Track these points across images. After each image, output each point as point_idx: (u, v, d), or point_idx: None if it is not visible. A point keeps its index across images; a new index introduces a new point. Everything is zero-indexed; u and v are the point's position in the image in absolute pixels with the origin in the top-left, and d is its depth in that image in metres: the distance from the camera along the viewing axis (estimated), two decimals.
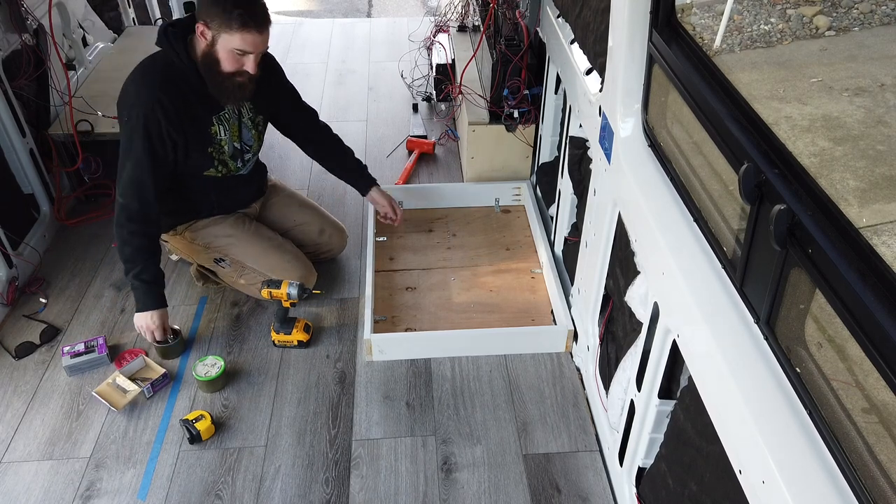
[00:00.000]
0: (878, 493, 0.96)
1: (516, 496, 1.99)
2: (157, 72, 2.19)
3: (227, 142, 2.36)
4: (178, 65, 2.18)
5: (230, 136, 2.37)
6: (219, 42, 2.10)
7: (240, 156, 2.44)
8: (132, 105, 2.17)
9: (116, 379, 2.29)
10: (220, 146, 2.36)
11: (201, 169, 2.36)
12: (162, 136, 2.18)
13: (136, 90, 2.18)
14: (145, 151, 2.17)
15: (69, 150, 3.01)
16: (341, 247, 2.82)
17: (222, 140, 2.35)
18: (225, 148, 2.37)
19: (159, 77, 2.18)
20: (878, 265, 0.95)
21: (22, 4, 2.85)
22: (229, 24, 2.07)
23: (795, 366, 1.16)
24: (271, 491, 2.01)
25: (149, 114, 2.14)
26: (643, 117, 1.80)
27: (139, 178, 2.20)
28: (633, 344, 1.84)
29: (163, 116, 2.15)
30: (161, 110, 2.15)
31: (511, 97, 2.90)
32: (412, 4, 6.73)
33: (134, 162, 2.19)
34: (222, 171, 2.41)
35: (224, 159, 2.39)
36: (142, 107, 2.14)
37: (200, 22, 2.09)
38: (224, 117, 2.34)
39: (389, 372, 2.37)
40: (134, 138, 2.17)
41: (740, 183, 1.22)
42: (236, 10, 2.05)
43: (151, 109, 2.14)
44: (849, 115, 3.24)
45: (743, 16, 4.61)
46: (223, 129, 2.34)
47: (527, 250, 2.87)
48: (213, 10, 2.07)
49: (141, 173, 2.20)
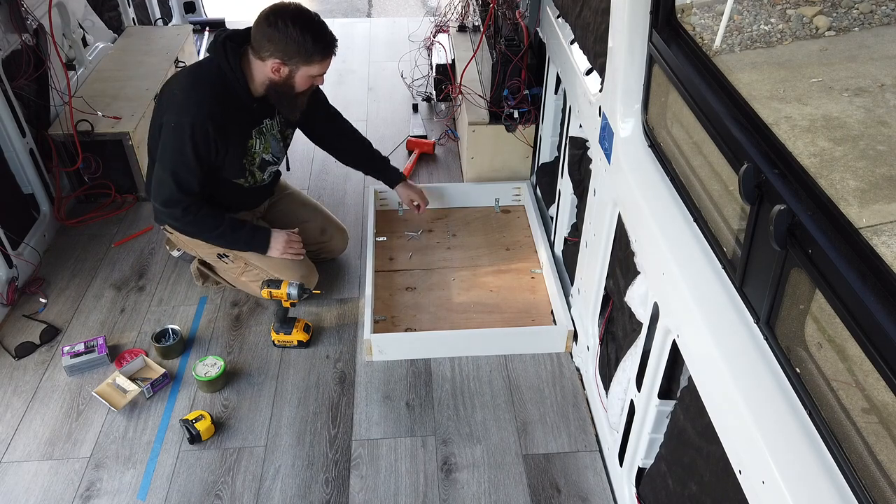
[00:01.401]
0: (878, 493, 0.96)
1: (516, 496, 1.99)
2: (209, 83, 2.21)
3: (259, 154, 2.40)
4: (229, 77, 2.20)
5: (262, 149, 2.41)
6: (297, 74, 2.17)
7: (267, 167, 2.48)
8: (182, 111, 2.18)
9: (116, 379, 2.29)
10: (254, 158, 2.39)
11: (232, 177, 2.39)
12: (209, 144, 2.20)
13: (188, 97, 2.20)
14: (194, 156, 2.19)
15: (69, 150, 3.00)
16: (342, 247, 2.83)
17: (256, 153, 2.39)
18: (257, 160, 2.41)
19: (210, 89, 2.20)
20: (878, 265, 0.95)
21: (22, 4, 2.85)
22: (311, 57, 2.15)
23: (795, 366, 1.16)
24: (271, 491, 2.01)
25: (198, 122, 2.16)
26: (643, 117, 1.80)
27: (184, 179, 2.23)
28: (633, 344, 1.84)
29: (212, 127, 2.18)
30: (211, 121, 2.17)
31: (511, 97, 2.90)
32: (412, 4, 6.73)
33: (182, 165, 2.21)
34: (250, 181, 2.44)
35: (254, 171, 2.43)
36: (192, 115, 2.16)
37: (274, 60, 2.13)
38: (262, 131, 2.38)
39: (389, 372, 2.37)
40: (183, 143, 2.18)
41: (740, 183, 1.22)
42: (317, 45, 2.13)
43: (202, 118, 2.16)
44: (849, 116, 3.25)
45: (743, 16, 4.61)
46: (260, 142, 2.38)
47: (527, 250, 2.87)
48: (289, 48, 2.11)
49: (187, 176, 2.23)
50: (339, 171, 3.42)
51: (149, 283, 2.74)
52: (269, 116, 2.39)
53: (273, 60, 2.13)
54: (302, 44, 2.10)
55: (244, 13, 6.08)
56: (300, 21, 2.10)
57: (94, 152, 3.02)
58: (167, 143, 2.21)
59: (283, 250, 2.46)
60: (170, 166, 2.22)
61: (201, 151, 2.20)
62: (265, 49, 2.13)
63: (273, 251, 2.45)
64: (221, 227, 2.37)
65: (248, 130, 2.33)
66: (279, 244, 2.46)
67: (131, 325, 2.55)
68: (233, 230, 2.39)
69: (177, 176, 2.22)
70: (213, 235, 2.40)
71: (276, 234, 2.47)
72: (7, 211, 2.72)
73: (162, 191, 2.27)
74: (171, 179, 2.23)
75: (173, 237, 2.61)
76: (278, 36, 2.09)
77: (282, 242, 2.46)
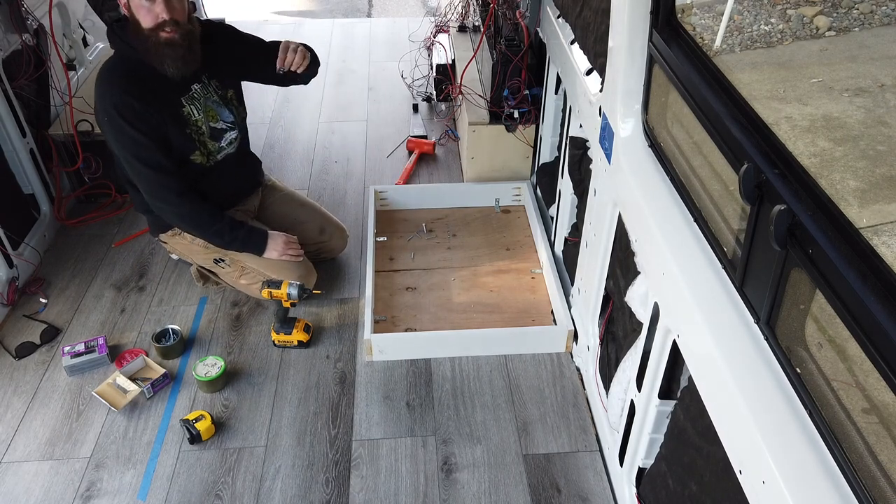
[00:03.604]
0: (878, 493, 0.96)
1: (516, 496, 1.99)
2: (114, 69, 2.23)
3: (202, 121, 2.36)
4: (131, 57, 2.20)
5: (205, 116, 2.37)
6: (131, 2, 2.12)
7: (221, 135, 2.43)
8: (101, 101, 2.20)
9: (116, 379, 2.29)
10: (198, 126, 2.35)
11: (186, 153, 2.35)
12: (139, 116, 2.19)
13: (102, 92, 2.21)
14: (136, 131, 2.19)
15: (69, 151, 3.01)
16: (342, 246, 2.82)
17: (197, 120, 2.35)
18: (203, 128, 2.37)
19: (117, 73, 2.21)
20: (878, 265, 0.95)
21: (22, 4, 2.85)
22: None
23: (795, 366, 1.16)
24: (271, 491, 2.01)
25: (117, 100, 2.16)
26: (643, 118, 1.80)
27: (146, 156, 2.22)
28: (633, 344, 1.84)
29: (133, 100, 2.17)
30: (128, 95, 2.17)
31: (511, 97, 2.90)
32: (412, 4, 6.73)
33: (132, 146, 2.21)
34: (205, 153, 2.39)
35: (203, 140, 2.38)
36: (109, 97, 2.18)
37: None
38: (193, 97, 2.34)
39: (389, 372, 2.37)
40: (118, 126, 2.19)
41: (740, 183, 1.22)
42: None
43: (118, 96, 2.17)
44: (849, 116, 3.25)
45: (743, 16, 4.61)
46: (195, 108, 2.34)
47: (527, 250, 2.87)
48: None
49: (145, 151, 2.22)
50: (339, 171, 3.43)
51: (149, 283, 2.74)
52: (195, 81, 2.35)
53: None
54: None
55: (244, 13, 6.10)
56: None
57: (94, 152, 3.02)
58: (110, 138, 2.23)
59: (283, 251, 2.45)
60: (126, 154, 2.23)
61: (139, 126, 2.19)
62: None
63: (271, 252, 2.45)
64: (220, 224, 2.37)
65: (177, 99, 2.30)
66: (278, 245, 2.45)
67: (131, 325, 2.55)
68: (231, 228, 2.39)
69: (139, 157, 2.22)
70: (210, 232, 2.39)
71: (274, 235, 2.47)
72: (7, 211, 2.72)
73: (142, 183, 2.28)
74: (138, 164, 2.23)
75: (168, 247, 2.62)
76: None
77: (280, 244, 2.46)
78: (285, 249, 2.46)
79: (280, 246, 2.45)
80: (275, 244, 2.45)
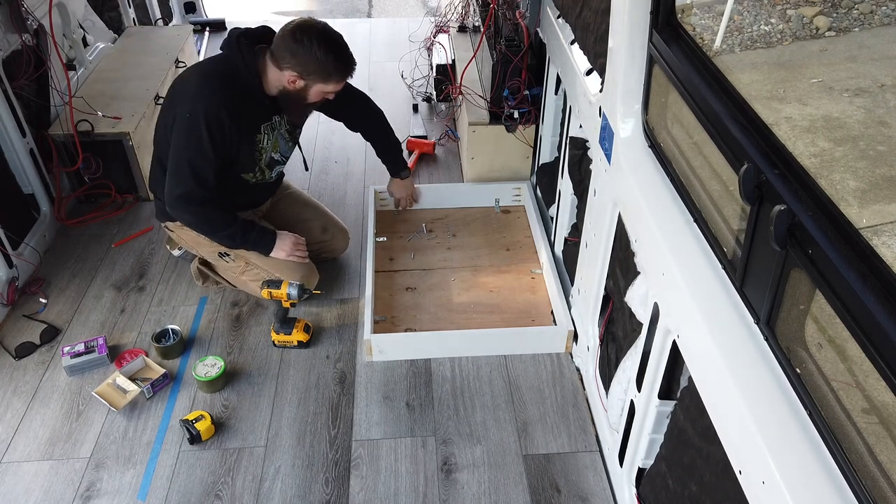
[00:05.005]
0: (878, 494, 0.96)
1: (516, 496, 1.99)
2: (222, 74, 2.24)
3: (266, 151, 2.42)
4: (242, 72, 2.22)
5: (271, 146, 2.43)
6: (312, 88, 2.22)
7: (275, 165, 2.50)
8: (197, 100, 2.19)
9: (116, 379, 2.29)
10: (262, 154, 2.41)
11: (241, 171, 2.40)
12: (223, 132, 2.22)
13: (201, 86, 2.22)
14: (210, 143, 2.20)
15: (69, 151, 3.00)
16: (343, 247, 2.83)
17: (264, 148, 2.41)
18: (265, 157, 2.43)
19: (223, 80, 2.23)
20: (878, 265, 0.95)
21: (22, 4, 2.85)
22: (329, 77, 2.21)
23: (795, 366, 1.16)
24: (271, 491, 2.01)
25: (212, 109, 2.18)
26: (643, 118, 1.80)
27: (200, 168, 2.24)
28: (633, 344, 1.84)
29: (226, 115, 2.20)
30: (224, 108, 2.19)
31: (511, 97, 2.90)
32: (412, 4, 6.73)
33: (197, 153, 2.22)
34: (258, 176, 2.46)
35: (262, 167, 2.45)
36: (206, 102, 2.18)
37: (293, 72, 2.17)
38: (272, 127, 2.40)
39: (389, 372, 2.37)
40: (197, 131, 2.19)
41: (740, 183, 1.22)
42: (338, 66, 2.20)
43: (216, 105, 2.18)
44: (849, 116, 3.25)
45: (743, 16, 4.61)
46: (268, 137, 2.40)
47: (527, 250, 2.87)
48: (310, 65, 2.16)
49: (203, 164, 2.24)
50: (339, 171, 3.43)
51: (149, 283, 2.74)
52: (278, 113, 2.40)
53: (291, 73, 2.18)
54: (323, 63, 2.17)
55: (244, 13, 6.09)
56: (325, 41, 2.16)
57: (94, 152, 3.02)
58: (182, 134, 2.22)
59: (290, 252, 2.48)
60: (186, 156, 2.23)
61: (216, 139, 2.21)
62: (286, 60, 2.17)
63: (279, 252, 2.47)
64: (233, 227, 2.38)
65: (258, 125, 2.35)
66: (286, 246, 2.47)
67: (131, 326, 2.55)
68: (243, 231, 2.40)
69: (193, 165, 2.23)
70: (223, 234, 2.41)
71: (282, 235, 2.49)
72: (7, 211, 2.72)
73: (178, 183, 2.27)
74: (188, 169, 2.23)
75: (174, 235, 2.61)
76: (302, 52, 2.14)
77: (288, 244, 2.48)
78: (293, 250, 2.49)
79: (288, 246, 2.48)
80: (283, 244, 2.47)
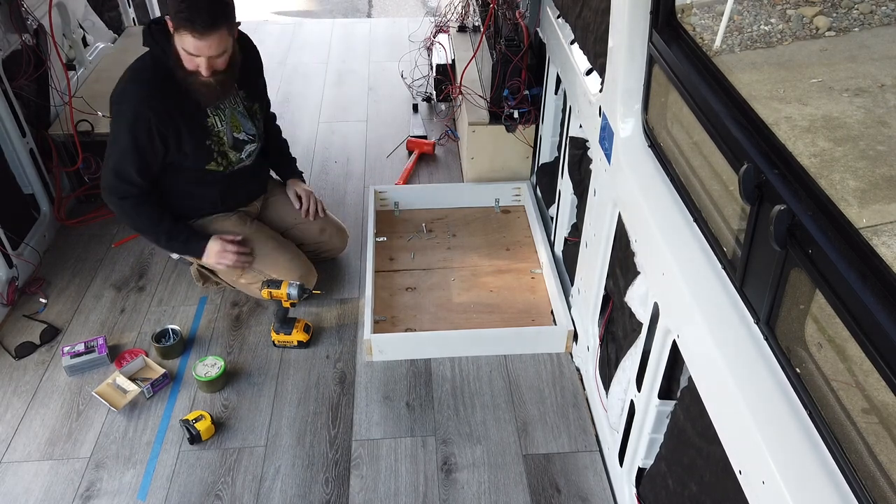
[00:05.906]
0: (878, 494, 0.96)
1: (516, 496, 1.99)
2: (147, 69, 2.22)
3: (225, 132, 2.37)
4: (163, 61, 2.19)
5: (228, 127, 2.38)
6: (175, 38, 2.10)
7: (242, 146, 2.44)
8: (122, 101, 2.21)
9: (116, 379, 2.29)
10: (220, 138, 2.36)
11: (202, 163, 2.37)
12: (150, 132, 2.21)
13: (125, 87, 2.23)
14: (130, 144, 2.22)
15: (69, 151, 3.00)
16: (342, 246, 2.82)
17: (220, 131, 2.36)
18: (224, 139, 2.37)
19: (149, 74, 2.21)
20: (878, 265, 0.95)
21: (22, 4, 2.85)
22: (176, 21, 2.03)
23: (795, 366, 1.16)
24: (271, 491, 2.01)
25: (138, 109, 2.18)
26: (643, 118, 1.80)
27: (121, 167, 2.26)
28: (633, 344, 1.84)
29: (153, 114, 2.18)
30: (150, 109, 2.18)
31: (511, 97, 2.90)
32: (412, 4, 6.73)
33: (119, 153, 2.24)
34: (224, 163, 2.40)
35: (224, 150, 2.39)
36: (131, 103, 2.19)
37: (170, 22, 2.08)
38: (219, 108, 2.35)
39: (389, 372, 2.37)
40: (121, 132, 2.21)
41: (740, 183, 1.22)
42: (182, 5, 1.99)
43: (141, 106, 2.18)
44: (849, 116, 3.25)
45: (743, 16, 4.61)
46: (219, 119, 2.35)
47: (527, 250, 2.87)
48: (172, 6, 2.03)
49: (124, 163, 2.25)
50: (339, 171, 3.43)
51: (149, 283, 2.74)
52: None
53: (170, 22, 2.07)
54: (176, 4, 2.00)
55: (244, 13, 6.09)
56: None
57: (94, 152, 3.02)
58: (110, 132, 2.26)
59: (217, 260, 2.41)
60: (109, 152, 2.27)
61: (141, 138, 2.20)
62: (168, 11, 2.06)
63: (207, 258, 2.42)
64: (158, 228, 2.37)
65: (203, 109, 2.30)
66: (212, 253, 2.40)
67: (131, 326, 2.55)
68: (169, 235, 2.38)
69: (114, 161, 2.27)
70: (148, 234, 2.42)
71: (211, 241, 2.41)
72: (7, 211, 2.72)
73: (103, 177, 2.32)
74: (111, 164, 2.27)
75: None
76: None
77: (214, 252, 2.40)
78: (219, 258, 2.41)
79: (214, 254, 2.40)
80: (211, 250, 2.40)
